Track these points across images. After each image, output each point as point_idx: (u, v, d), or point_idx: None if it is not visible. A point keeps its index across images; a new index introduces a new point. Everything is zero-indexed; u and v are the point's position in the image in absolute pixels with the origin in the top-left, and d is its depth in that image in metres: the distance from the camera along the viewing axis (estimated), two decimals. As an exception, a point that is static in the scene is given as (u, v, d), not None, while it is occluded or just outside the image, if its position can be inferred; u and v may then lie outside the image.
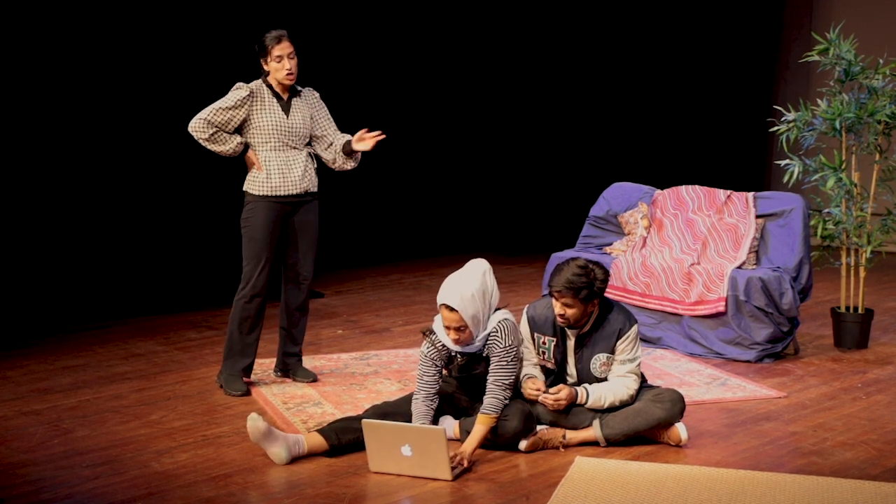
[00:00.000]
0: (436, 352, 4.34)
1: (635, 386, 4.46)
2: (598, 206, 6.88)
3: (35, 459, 4.23)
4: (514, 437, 4.30)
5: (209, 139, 5.06)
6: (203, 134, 5.05)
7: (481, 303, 4.22)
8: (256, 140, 5.12)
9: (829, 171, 6.10)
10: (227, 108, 5.03)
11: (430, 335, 4.35)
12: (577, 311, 4.34)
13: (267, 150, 5.13)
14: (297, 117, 5.18)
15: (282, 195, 5.15)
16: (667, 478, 4.05)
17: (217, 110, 5.04)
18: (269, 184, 5.13)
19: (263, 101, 5.10)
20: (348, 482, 4.00)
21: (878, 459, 4.36)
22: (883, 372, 5.77)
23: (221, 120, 5.04)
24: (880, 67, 6.17)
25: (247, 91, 5.07)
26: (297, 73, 5.13)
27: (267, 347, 5.84)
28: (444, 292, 4.21)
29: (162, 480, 4.01)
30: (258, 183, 5.14)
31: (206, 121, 5.04)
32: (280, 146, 5.14)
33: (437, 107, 9.58)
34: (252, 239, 5.15)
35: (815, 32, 6.69)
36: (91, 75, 7.05)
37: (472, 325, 4.21)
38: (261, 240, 5.13)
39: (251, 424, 4.15)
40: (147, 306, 7.05)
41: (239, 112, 5.05)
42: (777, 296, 5.92)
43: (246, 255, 5.18)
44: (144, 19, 7.23)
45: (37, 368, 5.61)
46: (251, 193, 5.16)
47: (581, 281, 4.28)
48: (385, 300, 7.61)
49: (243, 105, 5.05)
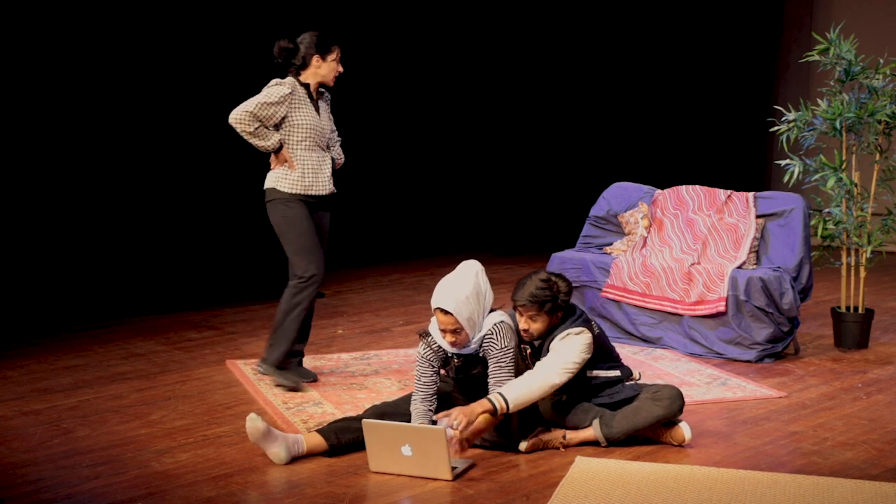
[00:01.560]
0: (432, 353, 4.35)
1: (556, 374, 4.22)
2: (599, 205, 6.88)
3: (35, 459, 4.22)
4: (508, 436, 4.30)
5: (253, 133, 5.07)
6: (248, 127, 5.05)
7: (476, 304, 4.23)
8: (292, 138, 5.14)
9: (830, 171, 6.10)
10: (272, 103, 5.03)
11: (426, 337, 4.36)
12: (540, 325, 4.32)
13: (302, 148, 5.16)
14: (324, 118, 5.25)
15: (312, 195, 5.19)
16: (667, 477, 4.05)
17: (261, 104, 5.04)
18: (303, 182, 5.16)
19: (300, 100, 5.13)
20: (348, 482, 4.00)
21: (879, 459, 4.36)
22: (883, 372, 5.77)
23: (265, 115, 5.05)
24: (880, 67, 6.17)
25: (289, 88, 5.09)
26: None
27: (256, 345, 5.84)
28: (437, 296, 4.21)
29: (162, 480, 4.01)
30: (291, 181, 5.15)
31: (251, 114, 5.03)
32: (313, 146, 5.18)
33: (438, 108, 9.59)
34: (302, 233, 5.17)
35: (815, 32, 6.69)
36: (91, 75, 7.05)
37: (468, 328, 4.22)
38: (309, 228, 5.17)
39: (250, 425, 4.14)
40: (147, 306, 7.06)
41: (281, 108, 5.07)
42: (777, 296, 5.92)
43: (298, 248, 5.18)
44: (146, 19, 7.23)
45: (37, 368, 5.61)
46: (282, 191, 5.16)
47: (545, 294, 4.28)
48: (385, 300, 7.61)
49: (284, 102, 5.07)
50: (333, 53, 5.16)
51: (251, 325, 6.69)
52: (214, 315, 6.96)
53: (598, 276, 6.43)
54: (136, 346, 6.12)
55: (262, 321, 6.81)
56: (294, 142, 5.14)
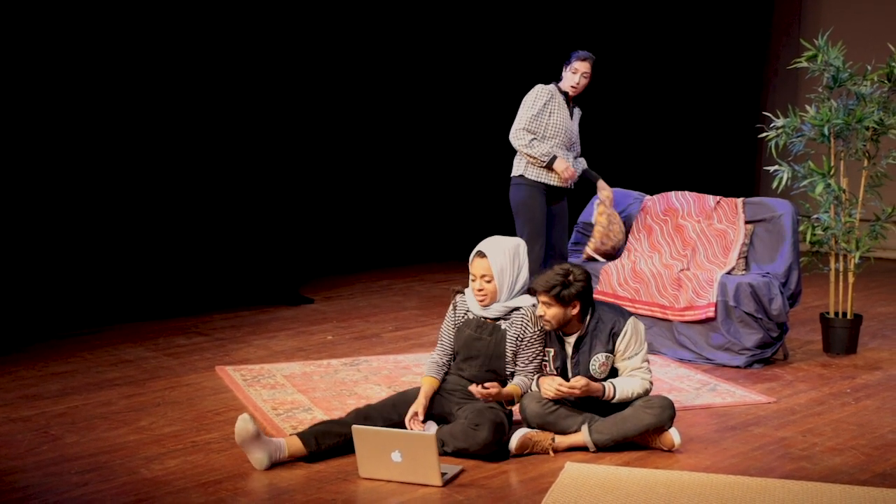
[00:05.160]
0: (454, 316, 4.60)
1: (648, 376, 4.49)
2: (587, 212, 6.89)
3: (23, 466, 4.21)
4: (485, 447, 4.26)
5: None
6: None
7: (510, 263, 4.46)
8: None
9: (818, 177, 6.12)
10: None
11: (458, 294, 4.62)
12: (557, 312, 4.37)
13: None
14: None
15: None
16: (657, 483, 4.06)
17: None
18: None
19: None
20: (338, 488, 4.00)
21: (867, 465, 4.37)
22: (872, 377, 5.78)
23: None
24: (868, 74, 6.20)
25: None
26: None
27: (246, 351, 5.82)
28: (480, 244, 4.52)
29: (151, 487, 3.99)
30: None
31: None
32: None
33: (428, 112, 9.59)
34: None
35: (803, 39, 6.71)
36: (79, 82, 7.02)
37: (498, 281, 4.43)
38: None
39: (241, 425, 4.10)
40: (136, 312, 7.03)
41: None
42: (766, 301, 5.94)
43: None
44: (145, 19, 7.20)
45: (25, 374, 5.59)
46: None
47: (557, 280, 4.34)
48: (375, 306, 7.60)
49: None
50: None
51: (240, 332, 6.67)
52: (204, 321, 6.95)
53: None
54: (125, 353, 6.10)
55: (252, 327, 6.79)
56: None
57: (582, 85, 6.16)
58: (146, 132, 7.27)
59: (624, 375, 4.48)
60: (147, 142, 7.29)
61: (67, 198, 7.01)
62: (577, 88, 6.16)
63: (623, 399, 4.45)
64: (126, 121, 7.22)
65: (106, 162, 7.18)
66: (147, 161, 7.33)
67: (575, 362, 4.47)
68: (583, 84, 6.15)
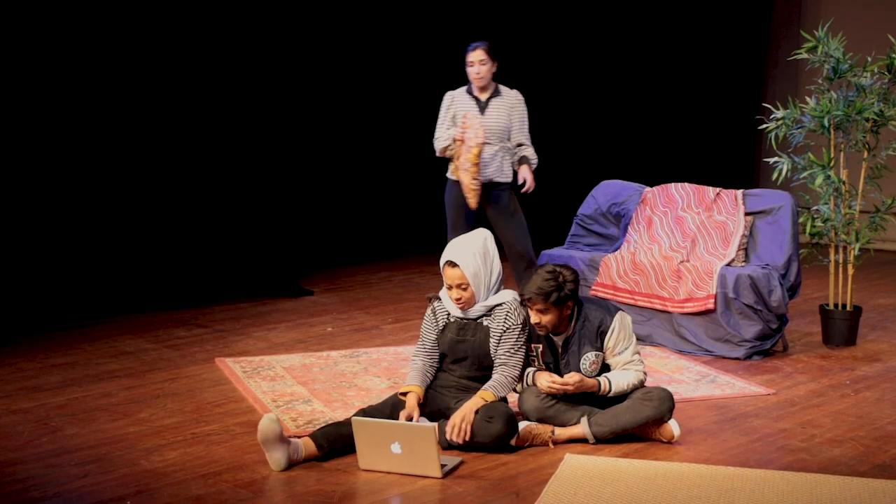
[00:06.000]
0: (434, 320, 4.51)
1: (642, 367, 4.49)
2: (587, 204, 6.89)
3: (23, 458, 4.21)
4: (498, 439, 4.28)
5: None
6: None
7: (482, 263, 4.39)
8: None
9: (818, 169, 6.12)
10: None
11: (435, 301, 4.53)
12: (552, 317, 4.36)
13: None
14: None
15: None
16: (656, 475, 4.06)
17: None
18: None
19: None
20: (338, 480, 4.00)
21: (866, 456, 4.37)
22: (871, 369, 5.79)
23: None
24: (868, 65, 6.19)
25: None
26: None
27: (245, 343, 5.83)
28: (446, 252, 4.43)
29: (151, 478, 4.00)
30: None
31: None
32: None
33: (427, 104, 9.57)
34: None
35: (803, 30, 6.70)
36: (76, 81, 7.02)
37: (474, 285, 4.36)
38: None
39: (268, 425, 4.02)
40: (136, 304, 7.04)
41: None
42: (766, 293, 5.94)
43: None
44: (145, 19, 7.19)
45: (25, 366, 5.59)
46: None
47: (550, 285, 4.31)
48: (375, 298, 7.61)
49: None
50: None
51: (240, 323, 6.68)
52: (203, 313, 6.95)
53: (588, 274, 6.44)
54: (125, 344, 6.10)
55: (251, 319, 6.80)
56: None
57: (483, 73, 5.98)
58: (146, 126, 7.27)
59: (617, 369, 4.49)
60: (146, 135, 7.29)
61: (68, 191, 7.01)
62: (480, 78, 6.01)
63: (619, 392, 4.45)
64: (126, 115, 7.21)
65: (106, 155, 7.17)
66: (147, 154, 7.33)
67: (565, 363, 4.47)
68: (483, 72, 5.98)
